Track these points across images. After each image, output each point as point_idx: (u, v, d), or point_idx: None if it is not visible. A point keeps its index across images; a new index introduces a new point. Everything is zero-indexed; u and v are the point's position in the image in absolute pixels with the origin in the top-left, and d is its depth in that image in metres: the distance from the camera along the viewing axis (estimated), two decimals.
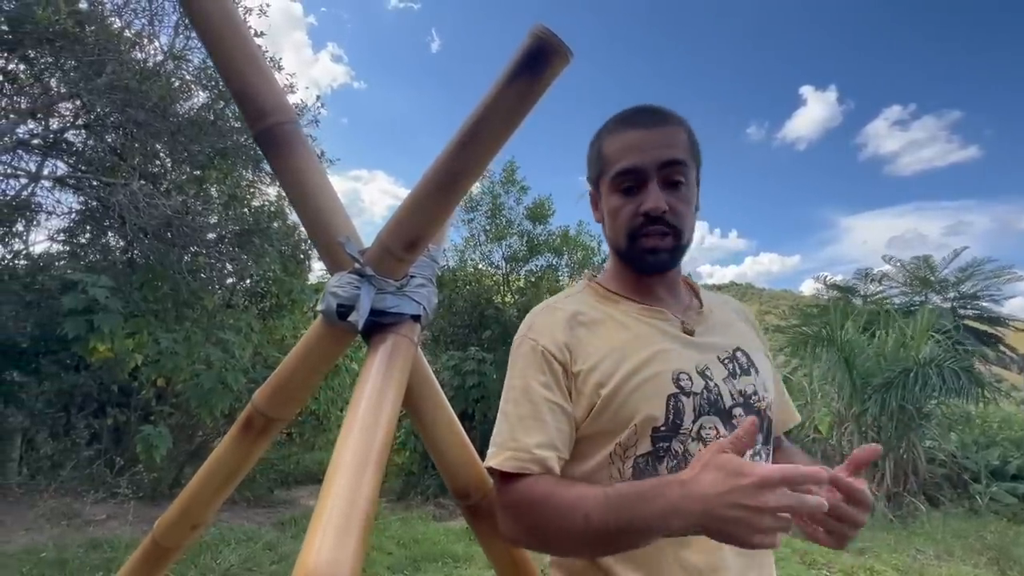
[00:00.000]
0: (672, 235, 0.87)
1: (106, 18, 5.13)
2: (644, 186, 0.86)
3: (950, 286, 11.97)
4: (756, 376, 0.88)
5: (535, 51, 0.67)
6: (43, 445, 5.21)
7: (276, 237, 5.93)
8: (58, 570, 3.32)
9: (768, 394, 0.88)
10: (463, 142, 0.69)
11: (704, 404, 0.82)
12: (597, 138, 0.94)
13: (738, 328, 0.96)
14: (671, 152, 0.86)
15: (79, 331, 4.16)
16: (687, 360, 0.84)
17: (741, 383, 0.86)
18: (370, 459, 0.64)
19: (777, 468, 0.60)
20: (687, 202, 0.88)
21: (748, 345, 0.92)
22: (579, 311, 0.90)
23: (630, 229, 0.88)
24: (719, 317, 0.95)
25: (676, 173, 0.86)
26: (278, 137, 0.81)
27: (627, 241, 0.89)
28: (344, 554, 0.55)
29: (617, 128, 0.91)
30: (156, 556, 0.96)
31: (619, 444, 0.81)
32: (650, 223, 0.85)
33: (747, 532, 0.60)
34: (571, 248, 9.08)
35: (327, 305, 0.78)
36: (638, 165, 0.85)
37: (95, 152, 5.71)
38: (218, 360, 4.70)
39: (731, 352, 0.89)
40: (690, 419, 0.80)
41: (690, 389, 0.82)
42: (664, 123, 0.88)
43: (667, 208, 0.85)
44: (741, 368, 0.88)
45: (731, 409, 0.83)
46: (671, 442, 0.80)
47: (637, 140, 0.87)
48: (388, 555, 4.08)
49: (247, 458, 0.90)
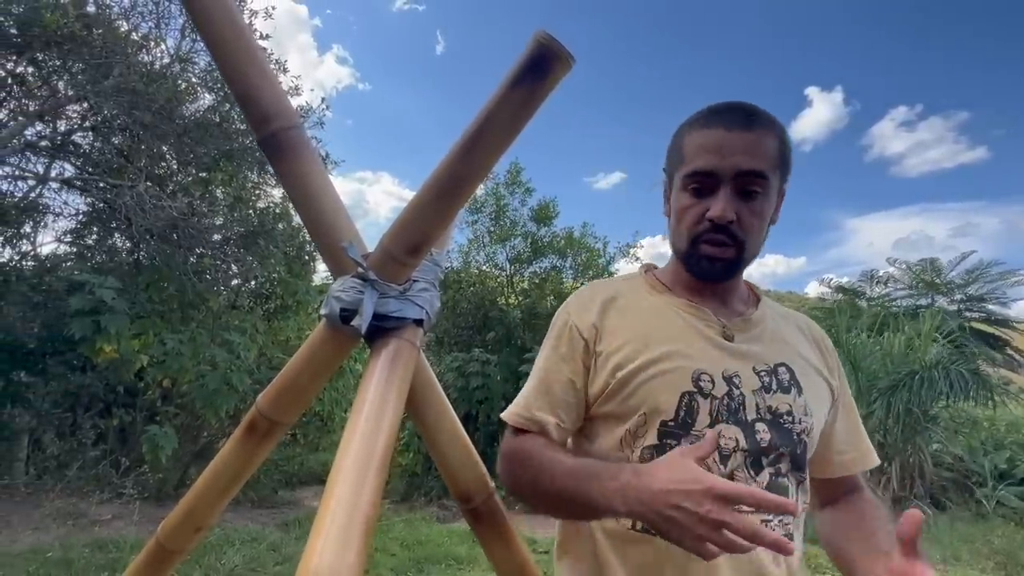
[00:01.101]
0: (735, 247, 0.83)
1: (113, 21, 5.17)
2: (716, 190, 0.82)
3: (956, 288, 11.89)
4: (797, 396, 0.83)
5: (538, 57, 0.67)
6: (49, 445, 5.23)
7: (281, 239, 5.95)
8: (64, 570, 3.34)
9: (810, 419, 0.83)
10: (466, 147, 0.69)
11: (723, 410, 0.79)
12: (681, 129, 0.89)
13: (794, 345, 0.90)
14: (751, 162, 0.80)
15: (86, 332, 4.19)
16: (715, 363, 0.82)
17: (774, 399, 0.82)
18: (372, 463, 0.64)
19: (733, 485, 0.60)
20: (759, 215, 0.83)
21: (799, 364, 0.87)
22: (619, 295, 0.91)
23: (693, 233, 0.84)
24: (772, 330, 0.90)
25: (752, 184, 0.81)
26: (282, 142, 0.81)
27: (688, 245, 0.86)
28: (346, 560, 0.55)
29: (702, 123, 0.85)
30: (160, 559, 0.97)
31: (628, 431, 0.82)
32: (714, 231, 0.82)
33: (680, 534, 0.60)
34: (575, 250, 9.06)
35: (330, 309, 0.78)
36: (712, 169, 0.81)
37: (102, 154, 5.75)
38: (223, 361, 4.72)
39: (772, 366, 0.84)
40: (704, 422, 0.79)
41: (709, 391, 0.80)
42: (752, 127, 0.82)
43: (734, 218, 0.81)
44: (780, 385, 0.83)
45: (753, 423, 0.80)
46: (680, 440, 0.79)
47: (718, 141, 0.82)
48: (391, 557, 4.08)
49: (251, 461, 0.90)
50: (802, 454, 0.83)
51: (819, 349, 0.94)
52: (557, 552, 0.92)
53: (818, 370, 0.90)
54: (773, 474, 0.80)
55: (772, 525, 0.78)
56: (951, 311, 11.24)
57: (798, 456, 0.82)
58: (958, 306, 11.71)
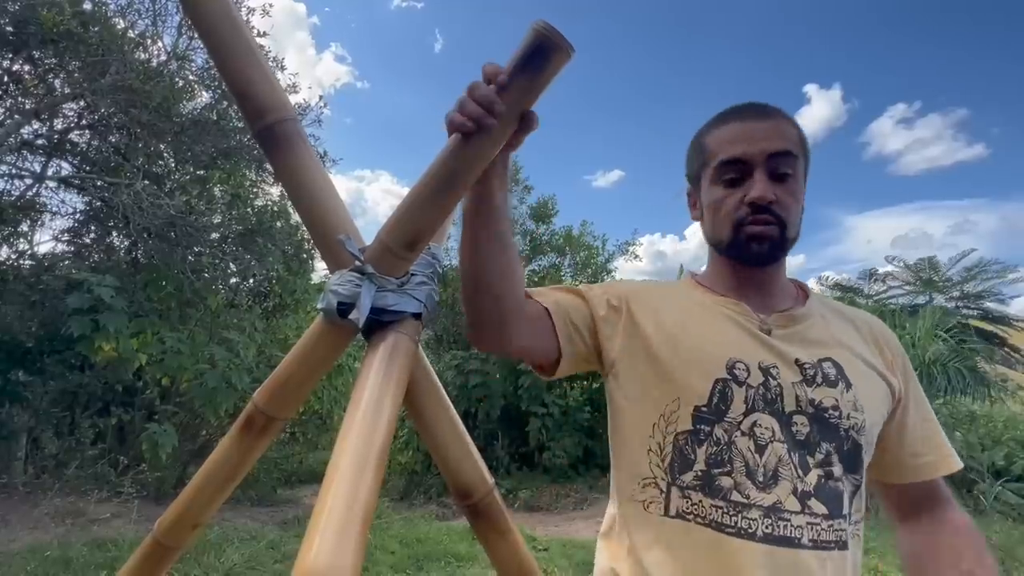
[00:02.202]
0: (778, 225, 0.81)
1: (110, 19, 5.14)
2: (749, 177, 0.82)
3: (954, 286, 11.91)
4: (845, 391, 0.79)
5: (536, 47, 0.66)
6: (48, 444, 5.22)
7: (279, 237, 5.94)
8: (63, 568, 3.34)
9: (861, 415, 0.78)
10: (462, 140, 0.68)
11: (759, 400, 0.77)
12: (698, 134, 0.91)
13: (844, 341, 0.86)
14: (780, 143, 0.82)
15: (84, 330, 4.17)
16: (751, 353, 0.81)
17: (817, 393, 0.78)
18: (370, 458, 0.64)
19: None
20: (794, 196, 0.83)
21: (848, 359, 0.83)
22: (656, 287, 0.97)
23: (735, 219, 0.83)
24: (820, 325, 0.86)
25: (785, 165, 0.81)
26: (278, 135, 0.80)
27: (731, 231, 0.84)
28: (343, 556, 0.55)
29: (722, 121, 0.87)
30: (158, 555, 0.96)
31: (662, 416, 0.81)
32: (756, 212, 0.81)
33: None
34: (574, 248, 9.07)
35: (328, 303, 0.78)
36: (744, 155, 0.82)
37: (99, 152, 5.74)
38: (222, 359, 4.71)
39: (815, 361, 0.81)
40: (739, 410, 0.77)
41: (745, 380, 0.78)
42: (769, 116, 0.84)
43: (774, 198, 0.80)
44: (825, 378, 0.80)
45: (791, 414, 0.77)
46: (713, 427, 0.78)
47: (743, 131, 0.83)
48: (391, 554, 4.07)
49: (247, 457, 0.90)
50: (853, 453, 0.78)
51: (877, 346, 0.89)
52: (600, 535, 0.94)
53: (873, 366, 0.85)
54: (823, 476, 0.75)
55: (821, 528, 0.74)
56: (950, 308, 11.25)
57: (848, 455, 0.77)
58: (956, 303, 11.73)
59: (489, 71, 0.67)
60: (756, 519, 0.73)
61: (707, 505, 0.75)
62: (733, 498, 0.74)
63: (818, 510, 0.74)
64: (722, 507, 0.74)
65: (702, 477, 0.77)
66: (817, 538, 0.73)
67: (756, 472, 0.75)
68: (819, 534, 0.73)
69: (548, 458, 6.63)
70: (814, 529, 0.73)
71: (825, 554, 0.73)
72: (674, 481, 0.78)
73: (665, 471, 0.79)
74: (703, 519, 0.75)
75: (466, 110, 0.66)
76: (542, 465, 6.76)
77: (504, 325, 0.81)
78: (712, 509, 0.75)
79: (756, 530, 0.73)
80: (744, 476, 0.75)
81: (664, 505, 0.78)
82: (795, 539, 0.72)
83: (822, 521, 0.74)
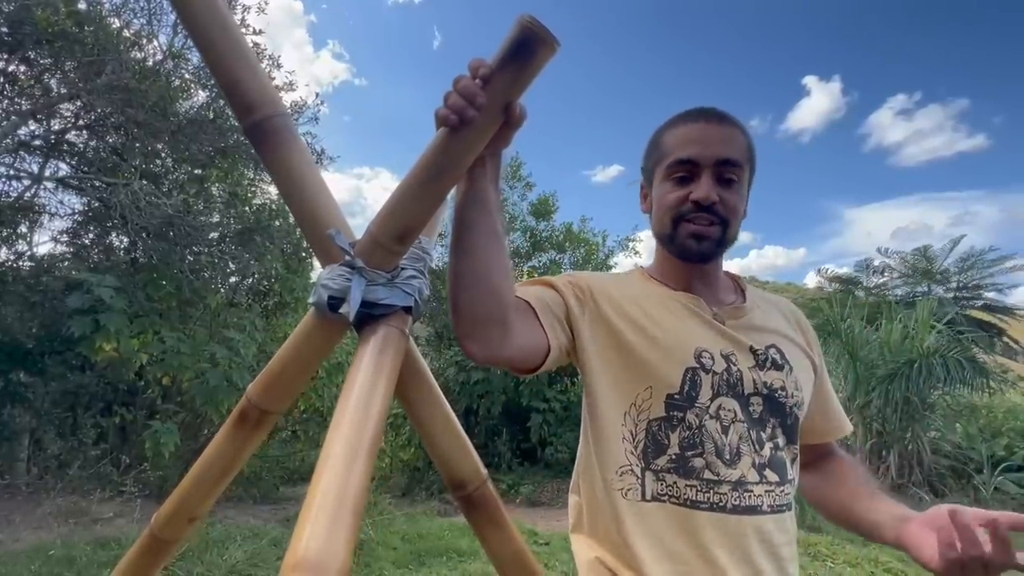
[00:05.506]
0: (719, 225, 0.88)
1: (105, 18, 5.13)
2: (697, 178, 0.88)
3: (951, 276, 11.91)
4: (789, 374, 0.89)
5: (521, 40, 0.66)
6: (50, 444, 5.24)
7: (278, 235, 5.94)
8: (66, 567, 3.36)
9: (800, 393, 0.89)
10: (450, 133, 0.69)
11: (723, 385, 0.85)
12: (659, 130, 0.96)
13: (780, 328, 0.96)
14: (730, 151, 0.88)
15: (85, 330, 4.18)
16: (712, 342, 0.88)
17: (768, 376, 0.87)
18: (360, 449, 0.64)
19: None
20: (736, 201, 0.89)
21: (786, 344, 0.93)
22: (615, 278, 0.99)
23: (677, 214, 0.90)
24: (760, 315, 0.96)
25: (731, 172, 0.88)
26: (267, 130, 0.81)
27: (672, 225, 0.91)
28: (333, 545, 0.55)
29: (679, 121, 0.93)
30: (155, 549, 0.97)
31: (633, 405, 0.85)
32: (698, 211, 0.88)
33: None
34: (574, 244, 9.05)
35: (318, 297, 0.78)
36: (695, 156, 0.88)
37: (96, 152, 5.73)
38: (223, 358, 4.71)
39: (764, 347, 0.90)
40: (707, 396, 0.84)
41: (711, 367, 0.85)
42: (726, 123, 0.90)
43: (717, 200, 0.87)
44: (773, 363, 0.89)
45: (749, 396, 0.85)
46: (686, 413, 0.83)
47: (698, 133, 0.89)
48: (393, 550, 4.09)
49: (243, 451, 0.90)
50: (793, 426, 0.89)
51: (800, 328, 1.00)
52: (571, 530, 0.97)
53: (802, 348, 0.96)
54: (773, 448, 0.85)
55: (775, 494, 0.83)
56: (948, 299, 11.25)
57: (789, 428, 0.88)
58: (955, 294, 11.73)
59: (474, 64, 0.68)
60: (726, 493, 0.81)
61: (682, 485, 0.82)
62: (705, 476, 0.82)
63: (772, 478, 0.84)
64: (696, 485, 0.81)
65: (676, 460, 0.83)
66: (774, 503, 0.83)
67: (723, 451, 0.82)
68: (775, 499, 0.83)
69: (550, 454, 6.64)
70: (771, 495, 0.83)
71: (779, 516, 0.83)
72: (648, 466, 0.84)
73: (639, 457, 0.84)
74: (678, 499, 0.82)
75: (449, 103, 0.67)
76: (544, 461, 6.78)
77: (506, 324, 0.79)
78: (687, 489, 0.82)
79: (726, 503, 0.81)
80: (714, 456, 0.82)
81: (641, 491, 0.83)
82: (758, 507, 0.82)
83: (775, 488, 0.84)
